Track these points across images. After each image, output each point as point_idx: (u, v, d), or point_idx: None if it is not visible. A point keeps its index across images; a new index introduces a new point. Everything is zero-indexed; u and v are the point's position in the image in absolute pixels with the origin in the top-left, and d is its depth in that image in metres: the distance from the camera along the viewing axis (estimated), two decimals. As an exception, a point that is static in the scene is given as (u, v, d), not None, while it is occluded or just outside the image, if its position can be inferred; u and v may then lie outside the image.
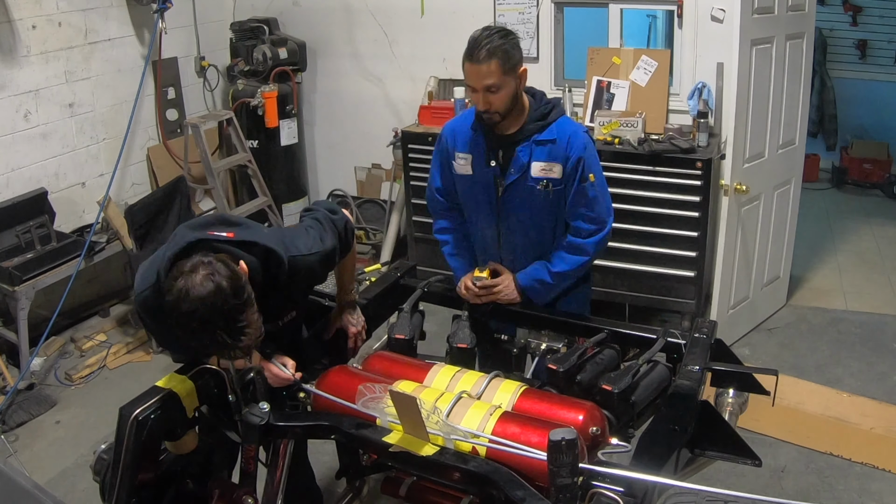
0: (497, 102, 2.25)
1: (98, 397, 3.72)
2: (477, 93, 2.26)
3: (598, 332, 2.23)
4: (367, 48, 4.89)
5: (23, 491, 1.46)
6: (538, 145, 2.33)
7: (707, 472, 2.84)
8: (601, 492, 1.53)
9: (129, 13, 4.45)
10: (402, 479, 2.10)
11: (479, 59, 2.20)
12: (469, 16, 4.50)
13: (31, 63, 3.96)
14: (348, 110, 5.09)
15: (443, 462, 1.71)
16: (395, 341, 2.40)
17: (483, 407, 1.85)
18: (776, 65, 3.66)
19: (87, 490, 2.95)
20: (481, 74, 2.21)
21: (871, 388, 3.52)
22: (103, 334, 4.21)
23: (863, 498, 2.89)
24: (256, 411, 1.90)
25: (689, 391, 1.93)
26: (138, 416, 1.74)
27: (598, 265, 3.94)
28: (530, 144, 2.34)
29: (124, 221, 3.89)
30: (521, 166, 2.34)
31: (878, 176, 6.11)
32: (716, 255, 3.77)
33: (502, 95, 2.24)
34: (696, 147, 3.70)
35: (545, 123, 2.33)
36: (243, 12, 5.07)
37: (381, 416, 1.82)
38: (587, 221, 2.38)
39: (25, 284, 3.62)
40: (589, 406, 1.86)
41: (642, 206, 3.79)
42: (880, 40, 6.26)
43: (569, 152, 2.31)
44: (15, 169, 3.96)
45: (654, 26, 5.91)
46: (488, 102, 2.25)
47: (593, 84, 4.10)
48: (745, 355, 3.79)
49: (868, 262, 4.91)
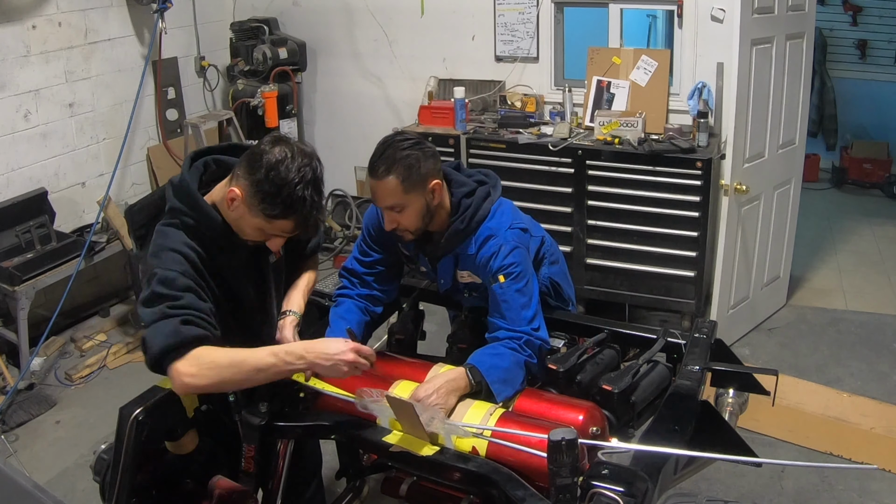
0: (405, 222, 2.03)
1: (98, 397, 3.72)
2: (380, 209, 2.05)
3: (598, 332, 2.22)
4: (367, 48, 4.89)
5: (23, 491, 1.45)
6: (462, 258, 2.14)
7: (707, 472, 2.86)
8: (601, 492, 1.53)
9: (129, 13, 4.45)
10: (402, 479, 2.10)
11: (377, 174, 1.97)
12: (469, 16, 4.51)
13: (31, 63, 3.96)
14: (348, 110, 5.09)
15: (443, 462, 1.72)
16: (395, 341, 2.40)
17: (483, 407, 1.85)
18: (776, 65, 3.66)
19: (87, 490, 2.95)
20: (380, 192, 1.99)
21: (871, 388, 3.52)
22: (103, 334, 4.21)
23: (863, 498, 2.89)
24: (256, 411, 1.90)
25: (689, 391, 1.93)
26: (138, 416, 1.74)
27: (599, 265, 3.98)
28: (453, 256, 2.16)
29: (124, 221, 3.88)
30: (449, 277, 2.21)
31: (878, 176, 6.11)
32: (716, 255, 3.77)
33: (409, 214, 2.01)
34: (696, 147, 3.70)
35: (468, 234, 2.09)
36: (243, 12, 5.07)
37: (381, 416, 1.82)
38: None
39: (25, 284, 3.62)
40: (589, 406, 1.86)
41: (642, 206, 3.79)
42: (880, 40, 6.26)
43: (491, 263, 2.06)
44: (15, 169, 3.96)
45: (654, 26, 5.92)
46: (394, 221, 2.03)
47: (593, 84, 4.10)
48: (745, 355, 3.78)
49: (868, 262, 4.91)
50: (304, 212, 1.75)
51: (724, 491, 2.91)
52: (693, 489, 2.63)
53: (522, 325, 2.03)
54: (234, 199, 1.76)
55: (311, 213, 1.76)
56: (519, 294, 2.04)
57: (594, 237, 3.95)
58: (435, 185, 2.02)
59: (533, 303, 2.07)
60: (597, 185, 3.88)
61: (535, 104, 4.27)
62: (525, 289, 2.05)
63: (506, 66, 4.47)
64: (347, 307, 2.22)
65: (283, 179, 1.70)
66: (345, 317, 2.17)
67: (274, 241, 1.84)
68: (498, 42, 4.46)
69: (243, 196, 1.75)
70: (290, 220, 1.76)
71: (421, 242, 2.17)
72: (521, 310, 2.04)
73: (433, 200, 2.04)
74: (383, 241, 2.24)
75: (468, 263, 2.14)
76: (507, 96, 4.37)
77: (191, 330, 1.65)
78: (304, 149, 1.77)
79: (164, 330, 1.64)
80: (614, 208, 3.87)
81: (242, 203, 1.76)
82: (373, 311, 2.26)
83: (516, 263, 2.04)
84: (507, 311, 2.03)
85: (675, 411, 1.87)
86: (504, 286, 2.03)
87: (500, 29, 4.43)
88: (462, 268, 2.17)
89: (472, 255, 2.10)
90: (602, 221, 3.92)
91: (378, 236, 2.23)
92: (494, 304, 2.07)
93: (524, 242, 2.11)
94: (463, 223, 2.08)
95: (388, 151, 1.97)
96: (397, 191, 1.97)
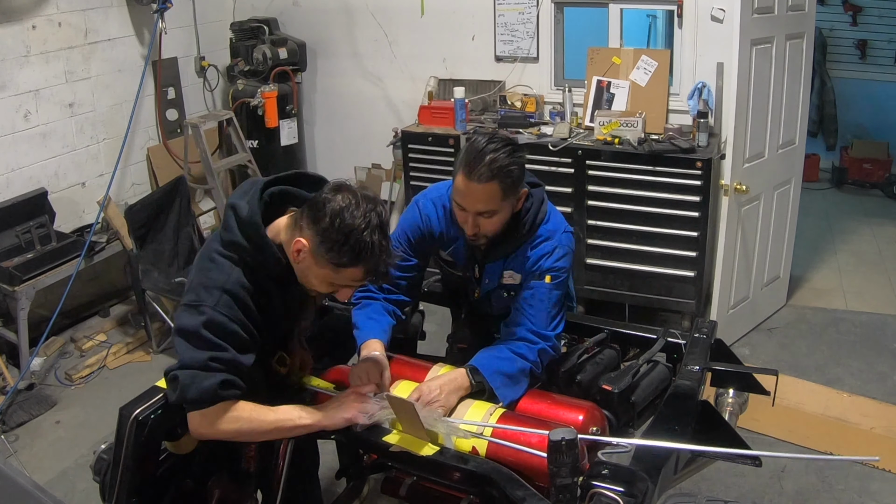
0: (488, 227, 1.97)
1: (98, 397, 3.72)
2: (465, 212, 1.95)
3: (598, 332, 2.23)
4: (367, 48, 4.89)
5: (23, 491, 1.46)
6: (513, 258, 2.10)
7: (707, 472, 2.85)
8: (601, 492, 1.53)
9: (129, 13, 4.45)
10: (402, 479, 2.10)
11: (479, 178, 1.87)
12: (469, 16, 4.51)
13: (31, 63, 3.96)
14: (348, 110, 5.09)
15: (443, 462, 1.72)
16: (395, 341, 2.40)
17: (483, 407, 1.85)
18: (776, 65, 3.66)
19: (87, 490, 2.95)
20: (477, 197, 1.90)
21: (871, 388, 3.52)
22: (103, 334, 4.21)
23: (863, 498, 2.89)
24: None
25: (689, 391, 1.93)
26: (138, 416, 1.74)
27: (598, 265, 3.98)
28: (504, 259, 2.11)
29: (124, 221, 3.89)
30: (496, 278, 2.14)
31: (878, 176, 6.11)
32: (716, 255, 3.77)
33: (495, 221, 1.95)
34: (696, 147, 3.70)
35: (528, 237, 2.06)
36: (243, 12, 5.07)
37: (381, 416, 1.82)
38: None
39: (25, 284, 3.62)
40: (589, 406, 1.86)
41: (642, 206, 3.79)
42: (880, 40, 6.25)
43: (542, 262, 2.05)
44: (15, 169, 3.96)
45: (654, 26, 5.92)
46: (477, 226, 1.96)
47: (593, 84, 4.10)
48: (745, 355, 3.78)
49: (868, 262, 4.91)
50: (374, 258, 1.68)
51: (724, 491, 2.91)
52: (693, 489, 2.63)
53: (546, 330, 2.01)
54: (301, 251, 1.70)
55: (380, 258, 1.69)
56: (555, 300, 2.03)
57: (594, 237, 3.95)
58: (523, 194, 1.99)
59: (562, 312, 2.07)
60: (597, 185, 3.88)
61: (535, 104, 4.27)
62: (561, 297, 2.06)
63: (506, 66, 4.47)
64: (376, 308, 2.15)
65: (350, 226, 1.64)
66: (374, 317, 2.12)
67: (343, 292, 1.80)
68: (498, 42, 4.46)
69: (309, 247, 1.68)
70: (360, 268, 1.70)
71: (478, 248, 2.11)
72: (551, 315, 2.02)
73: (518, 207, 2.01)
74: (424, 248, 2.20)
75: (517, 263, 2.09)
76: (507, 96, 4.37)
77: (228, 393, 1.69)
78: (367, 194, 1.71)
79: (203, 385, 1.66)
80: (614, 208, 3.87)
81: (309, 254, 1.69)
82: (399, 316, 2.21)
83: (565, 269, 2.05)
84: (537, 312, 2.01)
85: (675, 411, 1.88)
86: (547, 287, 2.01)
87: (500, 29, 4.43)
88: (508, 268, 2.11)
89: (526, 256, 2.06)
90: (602, 221, 3.92)
91: (419, 243, 2.18)
92: (526, 301, 2.03)
93: (574, 248, 2.11)
94: (525, 227, 2.04)
95: (491, 156, 1.88)
96: (496, 197, 1.90)
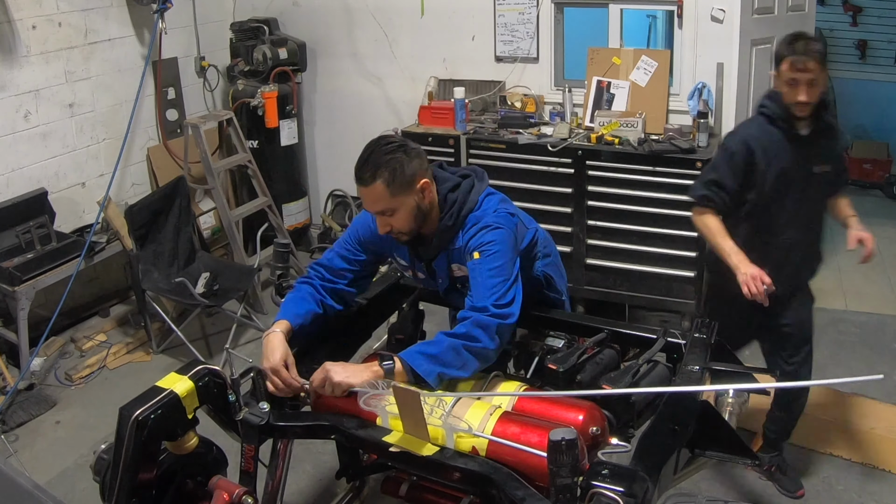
0: (397, 224, 2.01)
1: (98, 397, 3.72)
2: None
3: (598, 332, 2.22)
4: (367, 48, 4.89)
5: (23, 491, 1.45)
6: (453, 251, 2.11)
7: (707, 472, 2.86)
8: (601, 492, 1.53)
9: (129, 13, 4.45)
10: (402, 479, 2.10)
11: (363, 181, 1.96)
12: (469, 16, 4.51)
13: (31, 63, 3.96)
14: (348, 110, 5.09)
15: (443, 462, 1.72)
16: (395, 341, 2.40)
17: (483, 407, 1.85)
18: (776, 65, 3.66)
19: (87, 490, 2.94)
20: (369, 199, 1.99)
21: (871, 389, 3.52)
22: (103, 334, 4.21)
23: (863, 498, 2.89)
24: (256, 411, 1.90)
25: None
26: (138, 416, 1.74)
27: (598, 265, 3.98)
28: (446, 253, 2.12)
29: (124, 221, 3.89)
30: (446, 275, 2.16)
31: (878, 176, 6.11)
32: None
33: (401, 217, 1.99)
34: (696, 147, 3.70)
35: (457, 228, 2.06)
36: (243, 12, 5.07)
37: (381, 414, 1.82)
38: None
39: (25, 284, 3.62)
40: (589, 406, 1.86)
41: (642, 206, 3.79)
42: (880, 40, 6.26)
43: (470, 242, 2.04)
44: (15, 169, 3.96)
45: (654, 26, 5.91)
46: (387, 225, 2.01)
47: (593, 84, 4.10)
48: (745, 355, 3.77)
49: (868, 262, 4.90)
50: None
51: (724, 491, 2.91)
52: (693, 489, 2.63)
53: (482, 302, 1.92)
54: None
55: None
56: (491, 273, 1.95)
57: (594, 237, 3.95)
58: (424, 185, 2.00)
59: (506, 284, 1.96)
60: (597, 186, 3.88)
61: (534, 104, 4.28)
62: (499, 270, 1.96)
63: (506, 66, 4.47)
64: (302, 294, 2.14)
65: None
66: (295, 300, 2.11)
67: None
68: (498, 42, 4.46)
69: None
70: None
71: (414, 246, 2.14)
72: (488, 286, 1.94)
73: (424, 200, 2.01)
74: (376, 247, 2.21)
75: (458, 254, 2.09)
76: (507, 97, 4.37)
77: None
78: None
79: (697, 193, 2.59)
80: (614, 208, 3.87)
81: None
82: (329, 306, 2.17)
83: (494, 242, 1.99)
84: (475, 288, 1.96)
85: (675, 411, 1.87)
86: (477, 263, 1.97)
87: (499, 29, 4.43)
88: (454, 261, 2.12)
89: (462, 245, 2.05)
90: (602, 222, 3.92)
91: (369, 242, 2.20)
92: (467, 285, 2.02)
93: (509, 224, 2.04)
94: (451, 218, 2.05)
95: (372, 157, 1.96)
96: (385, 195, 1.95)
